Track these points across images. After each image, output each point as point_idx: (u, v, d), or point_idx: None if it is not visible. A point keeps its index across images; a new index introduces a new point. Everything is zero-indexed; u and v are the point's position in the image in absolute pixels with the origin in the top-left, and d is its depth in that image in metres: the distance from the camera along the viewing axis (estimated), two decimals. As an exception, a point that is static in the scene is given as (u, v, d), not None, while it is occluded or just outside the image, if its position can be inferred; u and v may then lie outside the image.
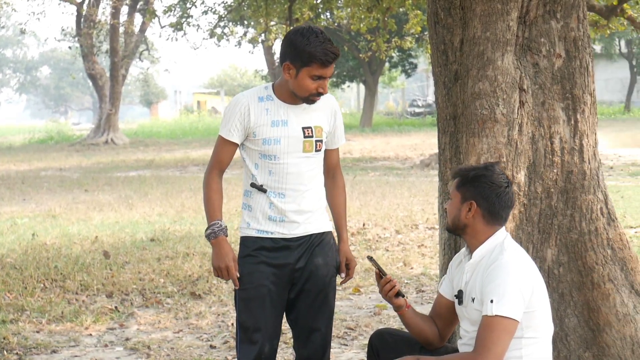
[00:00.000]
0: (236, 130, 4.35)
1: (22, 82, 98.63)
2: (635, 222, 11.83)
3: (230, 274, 4.32)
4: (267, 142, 4.33)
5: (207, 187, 4.44)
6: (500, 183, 3.98)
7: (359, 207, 14.16)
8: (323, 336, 4.47)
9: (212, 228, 4.34)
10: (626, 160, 22.56)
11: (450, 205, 4.07)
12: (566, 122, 4.78)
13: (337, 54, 4.19)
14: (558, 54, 4.78)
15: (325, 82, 4.23)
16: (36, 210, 14.98)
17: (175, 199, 16.25)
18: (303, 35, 4.17)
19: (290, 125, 4.33)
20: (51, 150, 35.49)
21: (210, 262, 4.51)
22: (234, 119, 4.34)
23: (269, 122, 4.32)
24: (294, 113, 4.34)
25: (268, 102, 4.34)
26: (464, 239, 4.10)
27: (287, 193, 4.36)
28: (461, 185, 4.03)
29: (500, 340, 3.74)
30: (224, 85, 77.36)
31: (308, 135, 4.35)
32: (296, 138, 4.33)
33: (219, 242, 4.34)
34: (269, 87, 4.39)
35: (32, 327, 7.25)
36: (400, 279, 8.90)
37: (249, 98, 4.35)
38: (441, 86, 4.97)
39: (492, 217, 3.98)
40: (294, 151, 4.34)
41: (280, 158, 4.34)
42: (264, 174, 4.39)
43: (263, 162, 4.39)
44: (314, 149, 4.38)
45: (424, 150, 28.06)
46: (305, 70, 4.19)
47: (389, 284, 4.24)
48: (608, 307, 4.65)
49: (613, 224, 4.81)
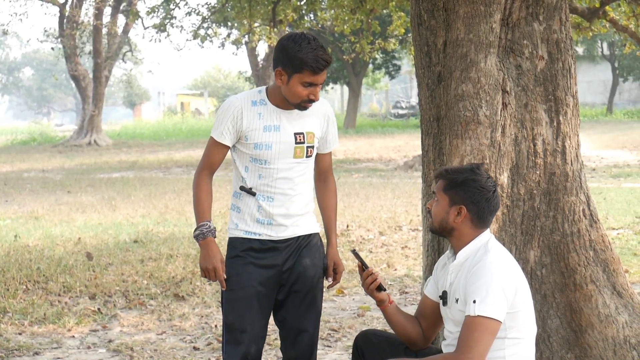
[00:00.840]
0: (228, 133, 4.35)
1: (5, 83, 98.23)
2: (618, 224, 11.88)
3: (217, 275, 4.31)
4: (258, 146, 4.34)
5: (197, 188, 4.43)
6: (489, 187, 3.99)
7: (342, 209, 14.17)
8: (311, 337, 4.48)
9: (201, 229, 4.33)
10: (608, 162, 22.67)
11: (437, 207, 4.05)
12: (549, 124, 4.80)
13: (329, 61, 4.20)
14: (541, 56, 4.80)
15: (317, 89, 4.24)
16: (18, 212, 14.92)
17: (159, 200, 16.22)
18: (295, 42, 4.18)
19: (283, 130, 4.33)
20: (34, 152, 35.34)
21: (194, 264, 4.52)
22: (226, 121, 4.34)
23: (261, 127, 4.32)
24: (287, 118, 4.35)
25: (261, 106, 4.35)
26: (448, 240, 4.11)
27: (275, 197, 4.37)
28: (449, 189, 4.01)
29: (483, 340, 3.74)
30: (207, 87, 77.27)
31: (300, 142, 4.36)
32: (288, 144, 4.34)
33: (207, 243, 4.33)
34: (262, 91, 4.39)
35: (14, 329, 7.21)
36: (384, 281, 8.91)
37: (242, 101, 4.35)
38: (424, 88, 4.98)
39: (479, 221, 3.99)
40: (284, 157, 4.35)
41: (270, 163, 4.35)
42: (254, 177, 4.40)
43: (253, 166, 4.39)
44: (305, 154, 4.39)
45: (407, 151, 28.10)
46: (297, 77, 4.19)
47: (370, 277, 4.24)
48: (590, 308, 4.67)
49: (595, 226, 4.83)
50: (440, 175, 4.10)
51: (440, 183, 4.07)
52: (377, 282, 4.23)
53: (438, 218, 4.05)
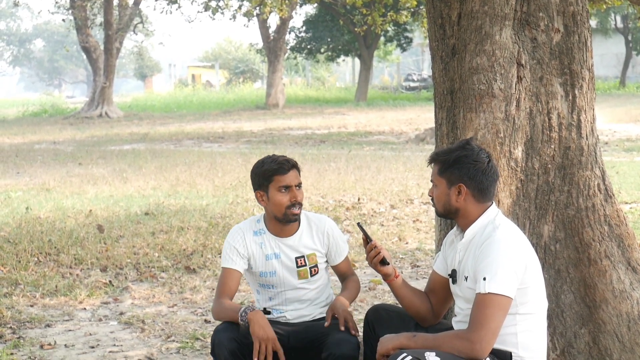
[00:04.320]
0: (238, 258, 4.57)
1: (16, 55, 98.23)
2: (630, 198, 11.83)
3: (276, 346, 4.30)
4: (263, 274, 4.62)
5: (218, 307, 4.54)
6: (482, 159, 3.95)
7: (354, 182, 14.14)
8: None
9: (242, 312, 4.36)
10: (621, 135, 22.54)
11: (437, 192, 4.02)
12: (564, 98, 4.74)
13: (292, 162, 4.52)
14: (556, 29, 4.73)
15: (295, 191, 4.49)
16: (30, 184, 14.94)
17: (170, 172, 16.21)
18: (259, 163, 4.59)
19: (283, 257, 4.59)
20: (45, 124, 35.36)
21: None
22: (234, 249, 4.58)
23: (263, 256, 4.60)
24: (286, 245, 4.61)
25: (261, 236, 4.62)
26: (455, 221, 4.07)
27: (287, 313, 4.66)
28: (444, 170, 3.98)
29: (494, 317, 3.72)
30: (218, 59, 77.02)
31: (301, 265, 4.61)
32: (290, 269, 4.59)
33: (255, 314, 4.33)
34: (260, 220, 4.67)
35: (26, 301, 7.23)
36: (395, 254, 8.89)
37: (245, 231, 4.64)
38: (438, 61, 4.92)
39: (481, 195, 3.96)
40: (289, 280, 4.61)
41: (277, 287, 4.63)
42: (265, 300, 4.70)
43: (263, 290, 4.69)
44: (309, 275, 4.63)
45: (419, 124, 28.00)
46: (272, 187, 4.50)
47: (373, 251, 4.20)
48: (604, 283, 4.63)
49: (610, 201, 4.78)
50: (432, 160, 4.08)
51: (434, 168, 4.05)
52: (381, 256, 4.19)
53: (441, 202, 4.02)
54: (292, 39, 48.70)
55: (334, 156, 18.72)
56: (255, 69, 73.28)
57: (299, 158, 17.91)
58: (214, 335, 4.41)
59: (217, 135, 26.51)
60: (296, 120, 33.04)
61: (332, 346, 4.30)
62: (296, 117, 35.61)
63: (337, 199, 12.43)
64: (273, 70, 41.88)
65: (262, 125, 30.48)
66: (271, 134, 26.59)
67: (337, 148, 21.27)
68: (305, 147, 21.71)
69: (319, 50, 49.39)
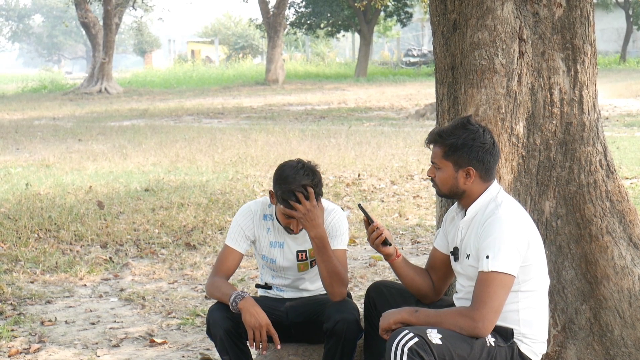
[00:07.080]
0: (243, 240, 4.53)
1: (15, 30, 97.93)
2: (631, 173, 11.81)
3: (270, 331, 4.26)
4: (265, 258, 4.62)
5: (211, 286, 4.49)
6: (488, 140, 3.92)
7: (354, 158, 14.12)
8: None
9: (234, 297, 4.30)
10: (622, 110, 22.50)
11: (443, 175, 3.96)
12: (566, 73, 4.70)
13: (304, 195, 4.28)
14: (558, 3, 4.69)
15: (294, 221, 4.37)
16: (30, 160, 14.92)
17: (170, 148, 16.19)
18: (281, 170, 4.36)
19: (286, 248, 4.57)
20: (44, 99, 35.30)
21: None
22: (241, 230, 4.52)
23: (267, 242, 4.57)
24: (291, 237, 4.55)
25: (270, 221, 4.57)
26: (457, 201, 4.05)
27: (286, 293, 4.67)
28: (451, 154, 3.92)
29: (497, 295, 3.71)
30: (218, 34, 76.80)
31: (302, 259, 4.58)
32: (290, 261, 4.57)
33: (246, 301, 4.28)
34: (272, 206, 4.56)
35: (26, 277, 7.23)
36: (395, 230, 8.88)
37: (254, 214, 4.57)
38: (439, 36, 4.88)
39: (487, 175, 3.95)
40: (289, 271, 4.61)
41: (278, 272, 4.63)
42: (268, 276, 4.71)
43: (266, 269, 4.69)
44: (309, 267, 4.61)
45: (419, 100, 27.95)
46: (279, 207, 4.39)
47: (375, 232, 4.17)
48: (606, 259, 4.62)
49: (612, 176, 4.76)
50: (434, 141, 4.00)
51: (437, 150, 3.98)
52: (383, 237, 4.16)
53: (447, 185, 3.97)
54: (291, 14, 48.59)
55: (334, 132, 18.68)
56: (255, 44, 73.09)
57: (298, 134, 17.89)
58: (208, 314, 4.37)
59: (216, 111, 26.46)
60: (296, 96, 32.98)
61: (333, 313, 4.29)
62: (296, 92, 35.55)
63: (337, 175, 12.42)
64: (273, 46, 41.75)
65: (262, 101, 30.43)
66: (271, 110, 26.54)
67: (337, 124, 21.23)
68: (305, 123, 21.67)
69: (319, 26, 49.25)
